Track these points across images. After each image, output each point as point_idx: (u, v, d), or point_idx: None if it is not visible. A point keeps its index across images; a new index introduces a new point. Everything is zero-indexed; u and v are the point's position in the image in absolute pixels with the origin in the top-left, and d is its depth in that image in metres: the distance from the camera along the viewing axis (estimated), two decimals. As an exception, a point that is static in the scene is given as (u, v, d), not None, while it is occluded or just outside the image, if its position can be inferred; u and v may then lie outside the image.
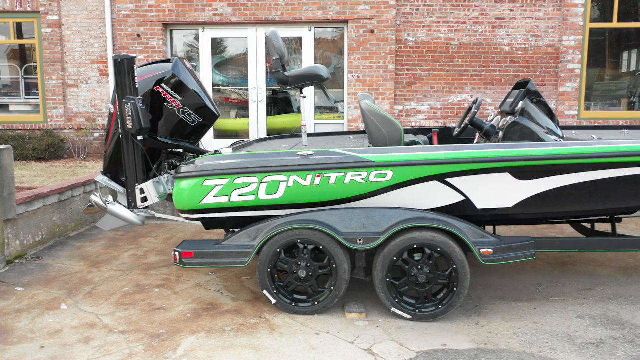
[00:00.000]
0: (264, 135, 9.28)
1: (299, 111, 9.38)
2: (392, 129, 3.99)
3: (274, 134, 9.28)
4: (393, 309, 3.77)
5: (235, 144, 5.56)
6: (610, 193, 3.81)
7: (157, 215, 4.72)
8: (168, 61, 5.05)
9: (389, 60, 8.83)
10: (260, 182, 3.88)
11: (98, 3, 9.20)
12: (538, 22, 8.75)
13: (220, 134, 9.44)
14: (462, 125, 4.29)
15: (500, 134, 3.99)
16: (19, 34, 9.66)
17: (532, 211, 3.92)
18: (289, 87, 4.74)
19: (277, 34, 4.71)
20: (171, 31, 9.33)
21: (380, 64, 8.84)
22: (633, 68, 9.18)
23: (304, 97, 4.88)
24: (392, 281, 3.78)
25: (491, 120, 4.54)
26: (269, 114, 9.37)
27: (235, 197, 3.92)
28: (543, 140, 3.92)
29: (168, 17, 8.98)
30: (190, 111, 4.97)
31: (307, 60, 9.11)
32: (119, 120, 4.40)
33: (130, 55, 4.35)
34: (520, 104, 3.94)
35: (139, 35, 9.02)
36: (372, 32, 8.77)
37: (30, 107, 9.86)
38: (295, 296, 3.91)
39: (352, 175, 3.81)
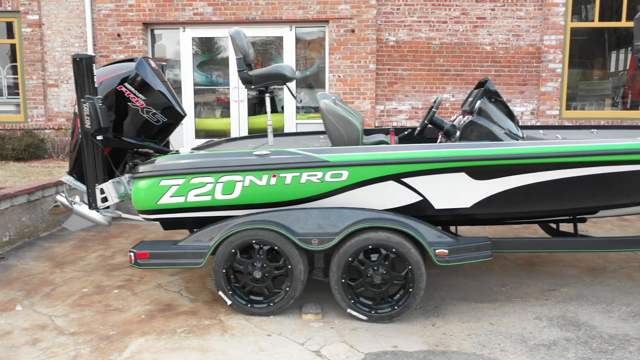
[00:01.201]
0: (245, 135, 9.23)
1: (282, 111, 9.35)
2: (349, 129, 3.96)
3: (256, 133, 9.24)
4: (349, 310, 3.74)
5: (205, 143, 5.53)
6: (568, 193, 3.77)
7: (123, 215, 4.69)
8: (132, 60, 5.01)
9: (369, 59, 8.79)
10: (216, 182, 3.84)
11: (78, 2, 9.16)
12: (519, 21, 8.72)
13: (202, 134, 9.40)
14: (422, 125, 4.26)
15: (458, 133, 3.96)
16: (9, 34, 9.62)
17: (491, 211, 3.89)
18: (253, 87, 4.71)
19: (241, 33, 4.68)
20: (152, 30, 9.29)
21: (361, 64, 8.81)
22: (615, 68, 9.15)
23: (270, 96, 4.85)
24: (348, 282, 3.75)
25: (453, 120, 4.50)
26: (253, 113, 9.33)
27: (192, 197, 3.89)
28: (500, 140, 3.88)
29: (148, 16, 8.94)
30: (154, 111, 4.93)
31: (289, 60, 9.07)
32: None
33: (89, 54, 4.31)
34: (478, 104, 3.91)
35: (119, 35, 8.98)
36: (353, 31, 8.73)
37: (13, 107, 9.82)
38: (252, 297, 3.88)
39: (308, 175, 3.78)
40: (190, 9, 8.86)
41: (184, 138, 9.31)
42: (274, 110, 9.38)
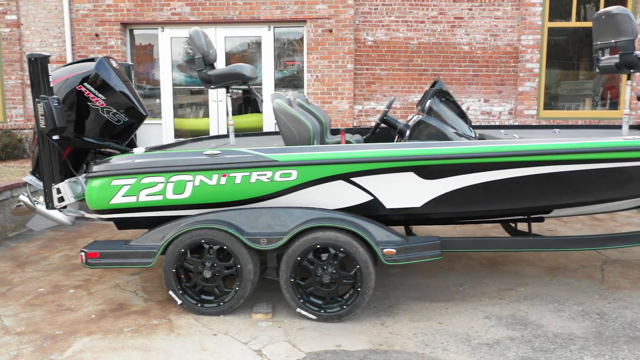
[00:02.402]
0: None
1: (262, 111, 9.34)
2: (301, 128, 3.96)
3: (239, 132, 9.22)
4: (298, 310, 3.74)
5: (169, 143, 5.53)
6: (516, 192, 3.78)
7: (86, 215, 4.68)
8: (93, 60, 5.01)
9: (347, 59, 8.80)
10: (167, 182, 3.85)
11: (57, 2, 9.15)
12: (497, 21, 8.73)
13: (181, 134, 9.40)
14: (375, 125, 4.26)
15: (408, 132, 3.96)
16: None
17: (442, 210, 3.90)
18: (213, 87, 4.70)
19: (200, 33, 4.67)
20: (131, 31, 9.29)
21: (338, 64, 8.81)
22: (594, 68, 9.15)
23: (230, 96, 4.85)
24: (297, 281, 3.75)
25: (409, 120, 4.51)
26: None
27: (144, 197, 3.89)
28: (450, 139, 3.89)
29: (126, 16, 8.94)
30: (114, 110, 4.92)
31: (267, 60, 9.08)
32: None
33: (44, 54, 4.31)
34: (428, 103, 3.91)
35: (97, 35, 8.97)
36: (330, 31, 8.74)
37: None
38: (203, 296, 3.88)
39: (258, 175, 3.78)
40: (168, 9, 8.86)
41: (163, 138, 9.31)
42: (256, 110, 9.38)
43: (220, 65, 9.12)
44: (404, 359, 3.17)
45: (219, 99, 9.19)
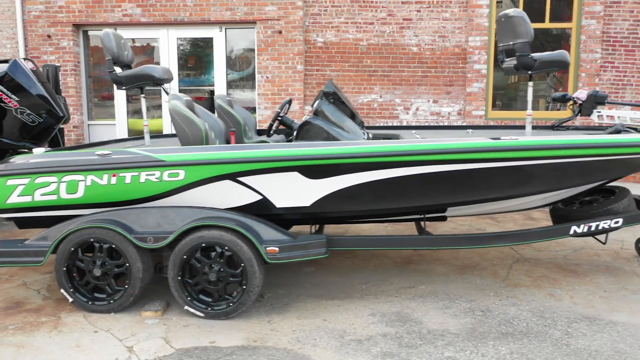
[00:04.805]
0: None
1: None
2: (194, 129, 4.02)
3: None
4: (186, 307, 3.80)
5: (90, 143, 5.57)
6: (401, 191, 3.85)
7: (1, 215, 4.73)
8: (7, 62, 5.05)
9: (297, 60, 8.86)
10: (59, 182, 3.90)
11: (9, 3, 9.19)
12: (445, 22, 8.81)
13: (135, 134, 9.44)
14: (269, 125, 4.33)
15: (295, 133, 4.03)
16: None
17: (332, 209, 3.96)
18: (124, 88, 4.76)
19: (110, 34, 4.73)
20: (85, 32, 9.33)
21: (288, 65, 8.87)
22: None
23: (144, 96, 4.90)
24: (186, 279, 3.82)
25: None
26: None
27: (39, 197, 3.94)
28: (336, 139, 3.96)
29: (78, 17, 8.98)
30: (28, 111, 4.97)
31: (219, 61, 9.13)
32: None
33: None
34: (315, 104, 3.98)
35: (49, 36, 9.02)
36: (280, 32, 8.80)
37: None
38: (96, 294, 3.94)
39: (147, 175, 3.84)
40: (119, 10, 8.91)
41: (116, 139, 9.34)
42: (213, 110, 9.42)
43: (172, 67, 9.18)
44: (269, 355, 3.23)
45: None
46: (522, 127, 5.52)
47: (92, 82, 9.50)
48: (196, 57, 9.28)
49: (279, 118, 4.22)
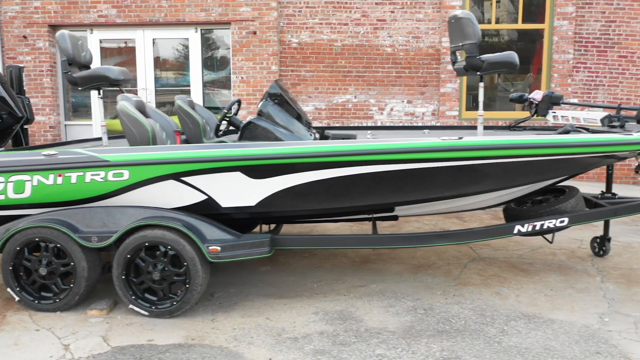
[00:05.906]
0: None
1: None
2: (140, 130, 4.06)
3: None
4: (130, 306, 3.84)
5: (51, 143, 5.60)
6: (343, 191, 3.89)
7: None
8: (-36, 62, 5.07)
9: (272, 61, 8.90)
10: (6, 182, 3.94)
11: (-15, 4, 9.22)
12: (418, 23, 8.86)
13: (114, 134, 9.46)
14: (215, 125, 4.37)
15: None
16: None
17: (277, 209, 4.00)
18: (80, 88, 4.79)
19: (65, 35, 4.76)
20: (61, 32, 9.35)
21: (263, 65, 8.91)
22: (520, 70, 9.28)
23: (101, 97, 4.93)
24: (130, 278, 3.85)
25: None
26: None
27: (-13, 197, 3.98)
28: (280, 140, 4.00)
29: (54, 18, 9.01)
30: (-14, 112, 4.99)
31: (195, 61, 9.17)
32: None
33: None
34: (260, 105, 4.02)
35: (25, 37, 9.05)
36: (255, 33, 8.84)
37: None
38: (43, 293, 3.97)
39: (92, 175, 3.88)
40: (95, 11, 8.94)
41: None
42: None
43: (148, 68, 9.21)
44: (203, 352, 3.27)
45: (148, 100, 9.28)
46: (489, 128, 5.58)
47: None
48: (172, 58, 9.31)
49: (226, 118, 4.26)
